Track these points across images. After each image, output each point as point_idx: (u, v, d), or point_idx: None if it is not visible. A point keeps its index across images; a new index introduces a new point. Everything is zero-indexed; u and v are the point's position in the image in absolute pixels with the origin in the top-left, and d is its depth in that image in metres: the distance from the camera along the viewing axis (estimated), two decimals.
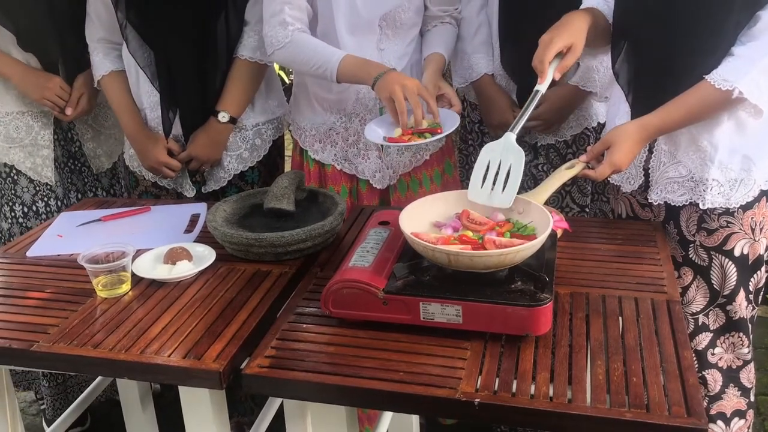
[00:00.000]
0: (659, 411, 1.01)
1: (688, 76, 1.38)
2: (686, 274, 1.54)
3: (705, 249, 1.50)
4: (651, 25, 1.43)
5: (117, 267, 1.39)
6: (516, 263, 1.19)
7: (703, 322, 1.54)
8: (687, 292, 1.54)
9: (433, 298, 1.17)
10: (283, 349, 1.19)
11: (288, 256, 1.49)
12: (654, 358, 1.12)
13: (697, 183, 1.46)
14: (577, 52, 1.41)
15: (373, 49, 1.80)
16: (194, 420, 1.29)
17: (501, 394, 1.06)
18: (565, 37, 1.40)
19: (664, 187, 1.50)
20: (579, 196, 1.93)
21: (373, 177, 1.90)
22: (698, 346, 1.55)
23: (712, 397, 1.57)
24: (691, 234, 1.52)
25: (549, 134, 1.89)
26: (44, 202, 2.05)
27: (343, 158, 1.91)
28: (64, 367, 1.27)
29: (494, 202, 1.32)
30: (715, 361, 1.55)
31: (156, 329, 1.27)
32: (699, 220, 1.50)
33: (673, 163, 1.48)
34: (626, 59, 1.49)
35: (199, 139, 1.90)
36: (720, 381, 1.56)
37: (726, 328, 1.54)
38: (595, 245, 1.50)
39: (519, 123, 1.37)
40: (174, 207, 1.82)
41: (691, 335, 1.55)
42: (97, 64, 1.94)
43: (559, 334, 1.19)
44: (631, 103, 1.50)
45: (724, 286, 1.51)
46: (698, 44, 1.37)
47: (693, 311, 1.54)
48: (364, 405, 1.15)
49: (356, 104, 1.85)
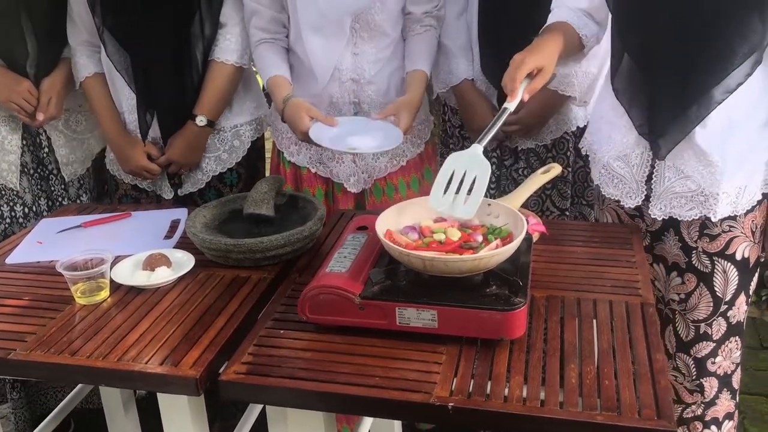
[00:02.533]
0: (630, 414, 1.02)
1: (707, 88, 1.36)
2: (689, 280, 1.53)
3: (708, 255, 1.49)
4: (661, 38, 1.40)
5: (95, 274, 1.39)
6: (491, 267, 1.20)
7: (705, 331, 1.53)
8: (690, 298, 1.53)
9: (408, 303, 1.18)
10: (260, 355, 1.20)
11: (267, 262, 1.50)
12: (626, 361, 1.13)
13: (707, 197, 1.43)
14: (546, 75, 1.42)
15: (347, 52, 1.80)
16: (173, 426, 1.30)
17: (475, 397, 1.07)
18: (536, 59, 1.40)
19: (668, 202, 1.47)
20: (559, 200, 1.94)
21: (348, 181, 1.91)
22: (698, 354, 1.54)
23: (707, 404, 1.57)
24: (693, 240, 1.50)
25: (529, 138, 1.90)
26: (9, 206, 2.02)
27: (317, 161, 1.92)
28: (41, 375, 1.28)
29: (456, 213, 1.29)
30: (714, 370, 1.56)
31: (134, 336, 1.27)
32: (701, 226, 1.48)
33: (680, 179, 1.45)
34: (627, 74, 1.47)
35: (177, 143, 1.91)
36: (716, 387, 1.56)
37: (726, 336, 1.54)
38: (572, 248, 1.52)
39: (486, 136, 1.35)
40: (154, 213, 1.82)
41: (691, 342, 1.55)
42: (80, 66, 1.94)
43: (533, 337, 1.21)
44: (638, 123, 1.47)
45: (726, 291, 1.50)
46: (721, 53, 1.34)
47: (695, 318, 1.53)
48: (340, 410, 1.15)
49: (330, 108, 1.86)
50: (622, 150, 1.53)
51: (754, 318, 2.81)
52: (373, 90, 1.84)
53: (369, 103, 1.85)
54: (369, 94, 1.84)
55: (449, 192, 1.30)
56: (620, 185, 1.55)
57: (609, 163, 1.56)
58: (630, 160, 1.52)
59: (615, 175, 1.56)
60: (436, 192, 1.31)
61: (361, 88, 1.83)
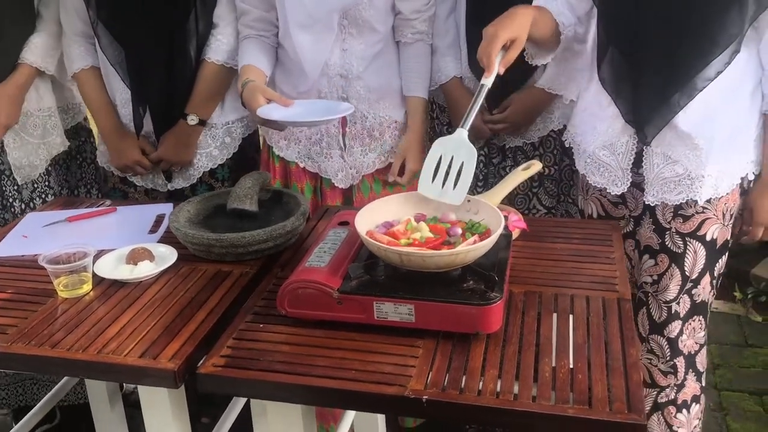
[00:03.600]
0: (601, 407, 1.03)
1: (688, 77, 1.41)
2: (662, 261, 1.58)
3: (680, 235, 1.54)
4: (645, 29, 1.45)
5: (78, 267, 1.40)
6: (468, 263, 1.22)
7: (675, 310, 1.58)
8: (662, 279, 1.58)
9: (386, 298, 1.19)
10: (239, 349, 1.21)
11: (249, 256, 1.51)
12: (600, 356, 1.15)
13: (693, 180, 1.49)
14: (519, 45, 1.42)
15: (336, 48, 1.81)
16: (154, 419, 1.31)
17: (449, 391, 1.08)
18: (508, 30, 1.40)
19: (660, 188, 1.52)
20: (545, 198, 1.96)
21: (336, 176, 1.92)
22: (671, 334, 1.59)
23: (678, 386, 1.60)
24: (666, 221, 1.55)
25: (517, 136, 1.92)
26: None
27: (306, 156, 1.94)
28: (21, 367, 1.28)
29: (445, 198, 1.31)
30: (682, 348, 1.59)
31: (114, 329, 1.28)
32: (675, 207, 1.53)
33: (668, 164, 1.50)
34: (612, 64, 1.51)
35: (168, 140, 1.92)
36: (683, 367, 1.60)
37: (690, 313, 1.58)
38: (552, 245, 1.53)
39: (469, 118, 1.35)
40: (140, 207, 1.83)
41: (664, 323, 1.59)
42: (75, 57, 1.94)
43: (510, 332, 1.22)
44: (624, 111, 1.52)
45: (693, 270, 1.55)
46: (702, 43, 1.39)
47: (666, 299, 1.58)
48: (315, 403, 1.17)
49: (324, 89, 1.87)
50: (607, 139, 1.58)
51: (739, 315, 2.83)
52: (362, 86, 1.85)
53: (357, 98, 1.86)
54: (357, 90, 1.85)
55: (438, 178, 1.31)
56: (606, 173, 1.60)
57: (595, 152, 1.61)
58: (616, 148, 1.57)
59: (601, 164, 1.60)
60: (424, 178, 1.32)
61: (349, 84, 1.85)
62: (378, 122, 1.89)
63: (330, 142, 1.89)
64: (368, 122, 1.88)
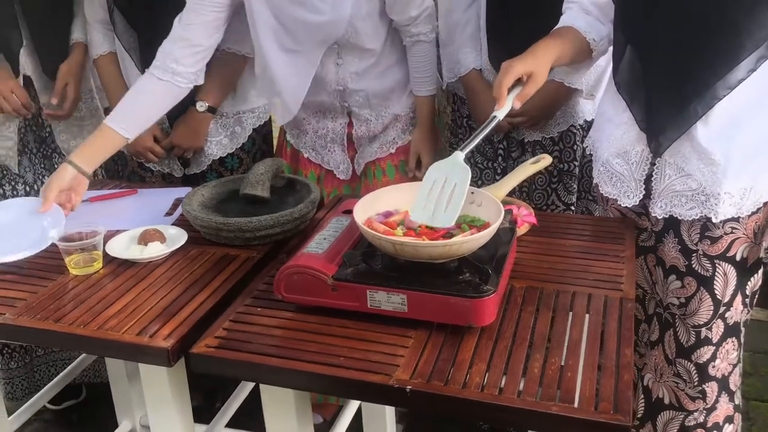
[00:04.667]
0: (586, 406, 1.01)
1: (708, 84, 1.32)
2: (689, 284, 1.48)
3: (708, 258, 1.45)
4: (662, 28, 1.37)
5: (88, 246, 1.43)
6: (462, 254, 1.20)
7: (705, 336, 1.49)
8: (690, 302, 1.49)
9: (379, 287, 1.19)
10: (234, 331, 1.22)
11: (257, 242, 1.53)
12: (594, 355, 1.12)
13: (708, 197, 1.38)
14: (537, 81, 1.38)
15: (330, 63, 1.81)
16: (154, 398, 1.34)
17: (434, 382, 1.07)
18: (525, 64, 1.37)
19: (669, 200, 1.43)
20: (565, 194, 1.92)
21: (338, 168, 1.95)
22: (699, 359, 1.50)
23: (708, 410, 1.53)
24: (693, 243, 1.46)
25: (536, 131, 1.88)
26: (11, 186, 2.06)
27: (311, 148, 1.97)
28: (25, 339, 1.33)
29: (436, 222, 1.23)
30: (714, 374, 1.51)
31: (117, 307, 1.31)
32: (702, 228, 1.44)
33: (681, 176, 1.40)
34: (628, 67, 1.43)
35: (179, 127, 1.95)
36: (716, 392, 1.52)
37: (723, 337, 1.50)
38: (562, 241, 1.50)
39: (470, 144, 1.30)
40: (159, 191, 1.87)
41: (692, 348, 1.50)
42: (95, 43, 1.99)
43: (504, 326, 1.20)
44: (639, 119, 1.44)
45: (725, 293, 1.46)
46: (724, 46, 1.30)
47: (695, 324, 1.49)
48: (300, 387, 1.17)
49: (323, 109, 1.91)
50: (621, 147, 1.49)
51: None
52: (361, 96, 1.86)
53: (359, 106, 1.88)
54: (356, 99, 1.87)
55: (429, 201, 1.25)
56: (618, 184, 1.51)
57: (608, 160, 1.52)
58: (629, 157, 1.48)
59: (614, 173, 1.51)
60: (416, 205, 1.26)
61: (348, 95, 1.86)
62: (381, 122, 1.91)
63: (334, 138, 1.93)
64: (372, 124, 1.91)
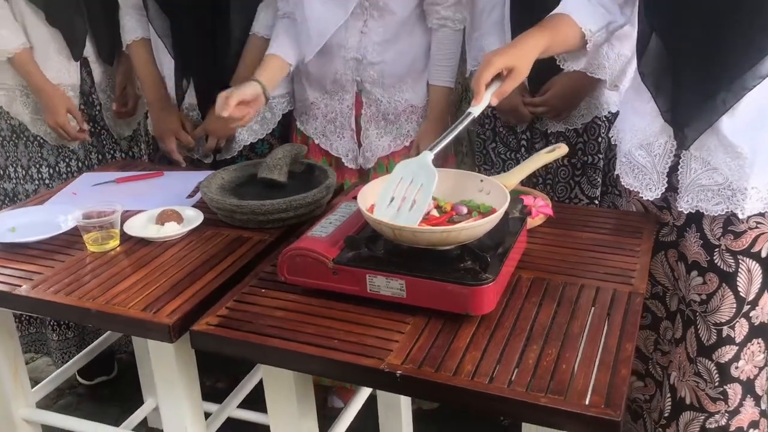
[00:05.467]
0: (577, 399, 0.99)
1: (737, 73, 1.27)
2: (711, 280, 1.43)
3: (731, 253, 1.40)
4: (690, 17, 1.31)
5: (105, 223, 1.47)
6: (463, 242, 1.19)
7: (728, 335, 1.44)
8: (711, 299, 1.44)
9: (378, 271, 1.18)
10: (236, 311, 1.24)
11: (271, 225, 1.54)
12: (593, 348, 1.09)
13: (735, 192, 1.33)
14: (517, 76, 1.34)
15: (355, 30, 1.79)
16: (162, 375, 1.36)
17: (425, 368, 1.06)
18: (506, 59, 1.33)
19: (695, 194, 1.38)
20: (588, 188, 1.87)
21: (346, 156, 1.94)
22: (721, 359, 1.45)
23: (731, 413, 1.48)
24: (716, 238, 1.41)
25: (559, 122, 1.84)
26: (65, 162, 2.14)
27: (321, 134, 1.97)
28: (37, 310, 1.37)
29: (399, 221, 1.20)
30: (737, 375, 1.46)
31: (127, 283, 1.34)
32: (725, 222, 1.39)
33: (707, 170, 1.36)
34: (654, 55, 1.39)
35: (211, 114, 1.97)
36: (740, 394, 1.47)
37: (748, 337, 1.44)
38: (578, 233, 1.47)
39: (440, 143, 1.28)
40: (185, 173, 1.90)
41: (713, 347, 1.45)
42: (128, 28, 2.03)
43: (505, 316, 1.18)
44: (664, 109, 1.39)
45: (750, 291, 1.41)
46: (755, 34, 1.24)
47: (717, 321, 1.44)
48: (292, 367, 1.17)
49: (333, 84, 1.90)
50: (645, 138, 1.45)
51: None
52: (376, 71, 1.85)
53: (371, 82, 1.87)
54: (371, 74, 1.86)
55: (396, 199, 1.23)
56: (640, 176, 1.47)
57: (630, 151, 1.48)
58: (653, 149, 1.44)
59: (636, 165, 1.47)
60: (380, 202, 1.24)
61: (363, 68, 1.85)
62: (393, 106, 1.89)
63: (343, 122, 1.92)
64: (383, 106, 1.89)
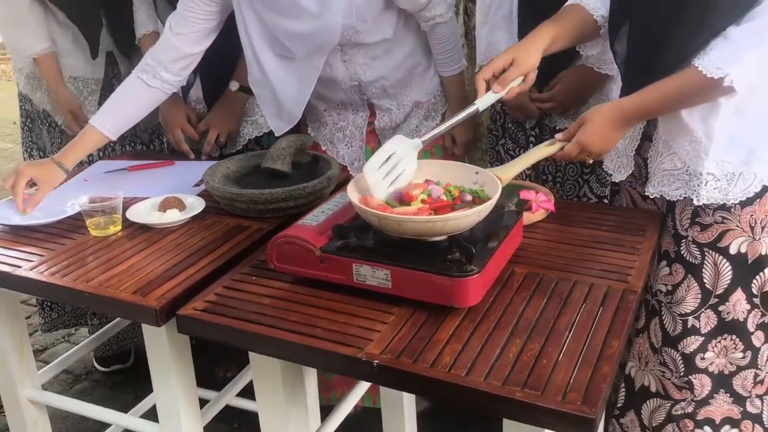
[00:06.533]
0: (554, 395, 0.96)
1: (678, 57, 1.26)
2: (677, 271, 1.42)
3: (698, 245, 1.39)
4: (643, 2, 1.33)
5: (106, 208, 1.49)
6: (449, 232, 1.17)
7: (692, 325, 1.42)
8: (677, 290, 1.42)
9: (364, 261, 1.17)
10: (224, 297, 1.24)
11: (270, 214, 1.54)
12: (578, 344, 1.07)
13: (692, 176, 1.34)
14: (519, 65, 1.37)
15: (337, 61, 1.77)
16: (155, 360, 1.37)
17: (403, 359, 1.05)
18: (507, 53, 1.39)
19: (660, 179, 1.40)
20: (597, 186, 1.83)
21: (352, 165, 1.93)
22: (686, 349, 1.43)
23: (698, 402, 1.45)
24: (684, 228, 1.41)
25: (567, 118, 1.81)
26: None
27: (329, 140, 1.95)
28: (33, 291, 1.39)
29: (373, 191, 1.25)
30: (704, 366, 1.43)
31: (123, 267, 1.36)
32: (693, 213, 1.39)
33: (669, 154, 1.37)
34: (622, 37, 1.39)
35: (215, 108, 2.00)
36: (708, 386, 1.44)
37: (718, 331, 1.41)
38: (578, 229, 1.44)
39: (432, 132, 1.33)
40: (195, 163, 1.92)
41: (678, 337, 1.43)
42: (140, 23, 2.06)
43: (491, 309, 1.16)
44: (624, 86, 1.40)
45: (717, 285, 1.39)
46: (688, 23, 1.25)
47: (682, 312, 1.42)
48: (274, 354, 1.17)
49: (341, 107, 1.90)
50: None
51: None
52: (377, 87, 1.83)
53: (377, 97, 1.86)
54: (374, 91, 1.84)
55: (383, 169, 1.26)
56: (615, 159, 1.51)
57: None
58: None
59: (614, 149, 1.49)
60: (373, 162, 1.26)
61: (365, 88, 1.84)
62: (403, 111, 1.88)
63: (354, 131, 1.90)
64: (393, 113, 1.88)
